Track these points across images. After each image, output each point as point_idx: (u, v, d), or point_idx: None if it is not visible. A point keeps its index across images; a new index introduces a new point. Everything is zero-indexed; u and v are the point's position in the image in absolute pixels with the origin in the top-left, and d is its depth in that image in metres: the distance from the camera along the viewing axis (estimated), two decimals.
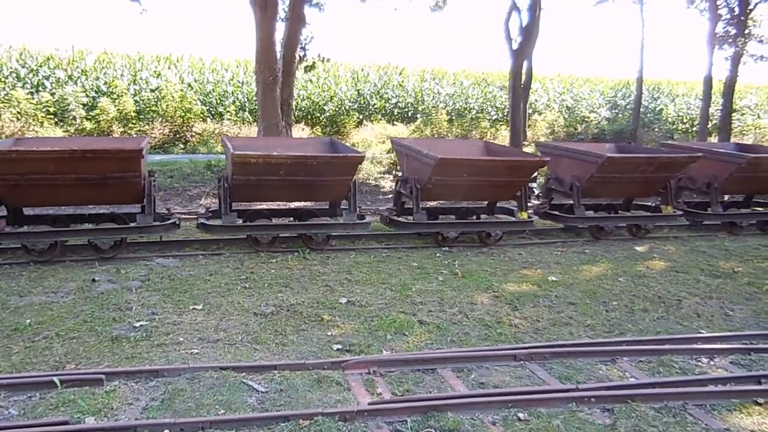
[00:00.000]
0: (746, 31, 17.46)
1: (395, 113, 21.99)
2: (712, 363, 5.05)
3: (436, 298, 6.36)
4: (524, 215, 8.71)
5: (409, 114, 22.07)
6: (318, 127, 20.16)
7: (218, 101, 19.81)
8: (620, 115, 22.44)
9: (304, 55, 15.19)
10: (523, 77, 16.82)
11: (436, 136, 18.70)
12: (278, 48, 13.52)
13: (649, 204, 9.93)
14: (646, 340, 5.42)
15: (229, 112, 18.99)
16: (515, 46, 16.52)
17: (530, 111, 20.31)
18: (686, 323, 5.98)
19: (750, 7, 17.47)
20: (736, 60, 17.54)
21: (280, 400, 4.07)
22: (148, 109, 17.80)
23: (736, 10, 17.55)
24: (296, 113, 19.82)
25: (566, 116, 22.47)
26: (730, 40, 17.42)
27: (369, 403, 4.00)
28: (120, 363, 4.60)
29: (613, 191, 9.51)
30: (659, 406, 4.20)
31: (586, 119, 22.22)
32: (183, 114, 17.69)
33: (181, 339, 5.07)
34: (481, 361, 4.82)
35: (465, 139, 14.27)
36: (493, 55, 52.44)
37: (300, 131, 18.96)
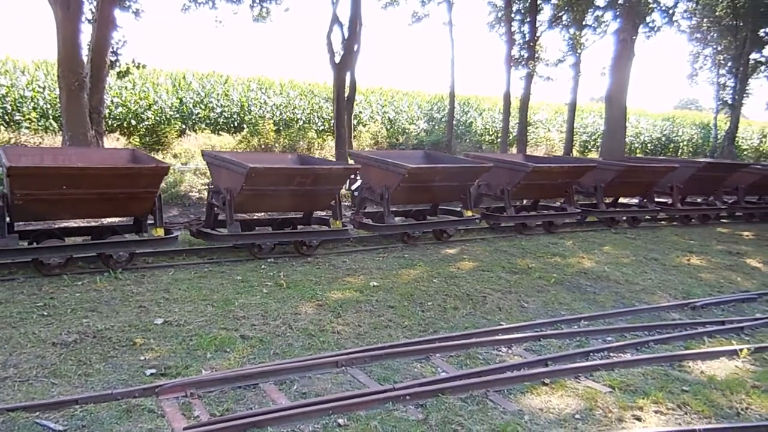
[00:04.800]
0: (536, 55, 19.96)
1: (220, 123, 21.31)
2: (510, 351, 5.64)
3: (259, 311, 6.29)
4: (160, 232, 7.97)
5: (236, 124, 21.54)
6: (136, 136, 18.79)
7: (14, 107, 17.54)
8: (436, 127, 24.15)
9: (116, 60, 14.10)
10: (347, 90, 17.29)
11: (263, 146, 18.49)
12: (86, 51, 12.38)
13: (324, 217, 9.62)
14: (456, 335, 5.90)
15: (29, 119, 16.90)
16: (338, 59, 16.94)
17: (355, 122, 20.97)
18: (490, 317, 6.62)
19: (538, 34, 20.03)
20: (528, 79, 19.95)
21: None
22: None
23: (527, 36, 20.00)
24: (109, 122, 18.28)
25: (388, 128, 23.58)
26: (524, 62, 19.77)
27: (184, 429, 3.83)
28: None
29: (271, 204, 9.04)
30: (465, 396, 4.58)
31: (406, 131, 23.56)
32: None
33: None
34: (303, 371, 4.87)
35: (117, 149, 12.90)
36: (318, 66, 53.43)
37: (114, 141, 17.52)
